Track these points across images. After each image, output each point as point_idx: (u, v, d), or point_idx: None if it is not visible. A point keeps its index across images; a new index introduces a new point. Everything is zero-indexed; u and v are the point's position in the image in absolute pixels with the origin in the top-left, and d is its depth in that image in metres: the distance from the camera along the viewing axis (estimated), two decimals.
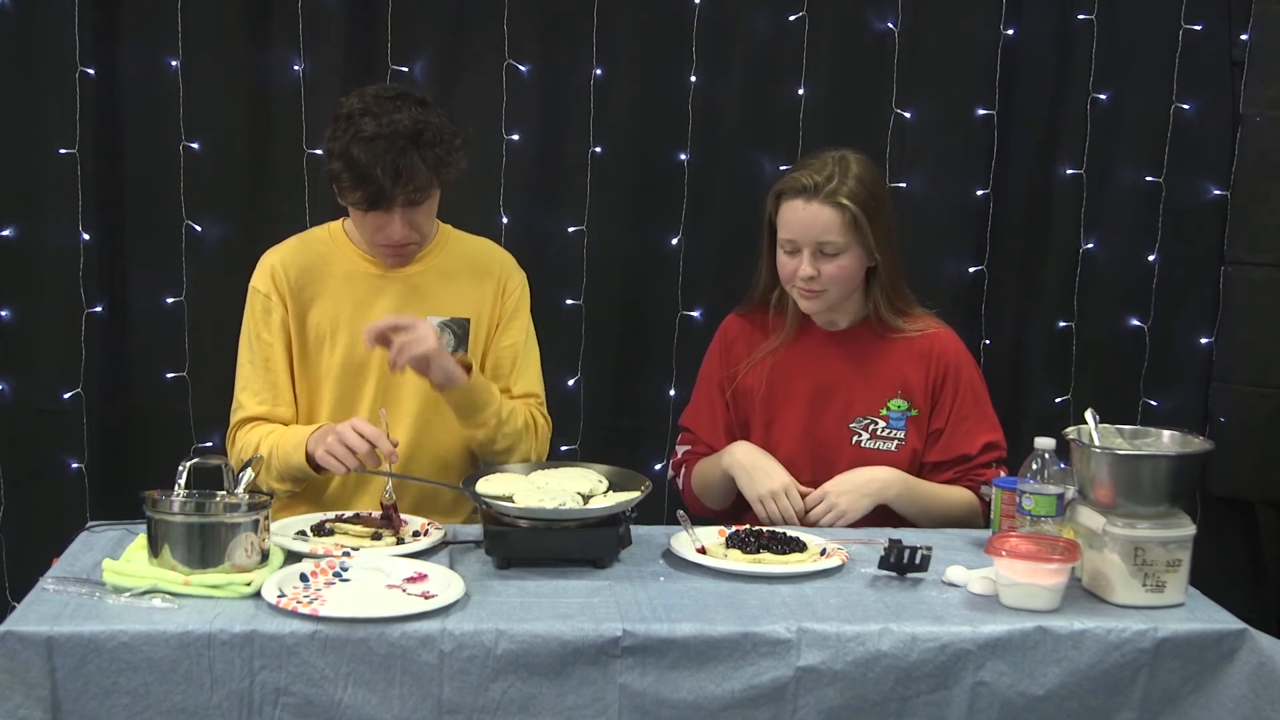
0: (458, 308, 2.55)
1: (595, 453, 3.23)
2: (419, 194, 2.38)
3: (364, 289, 2.53)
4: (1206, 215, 3.32)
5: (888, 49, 3.28)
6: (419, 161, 2.34)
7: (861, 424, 2.54)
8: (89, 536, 2.25)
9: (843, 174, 2.45)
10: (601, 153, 3.28)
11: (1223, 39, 3.26)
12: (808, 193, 2.44)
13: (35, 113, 3.17)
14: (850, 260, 2.47)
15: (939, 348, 2.56)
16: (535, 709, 1.87)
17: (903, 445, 2.53)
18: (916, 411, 2.54)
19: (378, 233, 2.43)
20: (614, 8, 3.23)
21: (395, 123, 2.33)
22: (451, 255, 2.59)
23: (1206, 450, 2.12)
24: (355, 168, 2.34)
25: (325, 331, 2.52)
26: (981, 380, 2.60)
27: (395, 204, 2.37)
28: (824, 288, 2.48)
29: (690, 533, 2.26)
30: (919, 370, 2.54)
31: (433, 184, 2.40)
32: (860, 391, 2.55)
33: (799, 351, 2.58)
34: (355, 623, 1.86)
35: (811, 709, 1.91)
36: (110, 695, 1.82)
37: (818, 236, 2.44)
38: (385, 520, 2.28)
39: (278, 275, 2.52)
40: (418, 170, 2.34)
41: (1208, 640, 1.97)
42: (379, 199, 2.36)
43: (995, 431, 2.58)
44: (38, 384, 3.24)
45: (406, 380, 2.49)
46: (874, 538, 2.35)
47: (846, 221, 2.43)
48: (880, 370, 2.55)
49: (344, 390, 2.52)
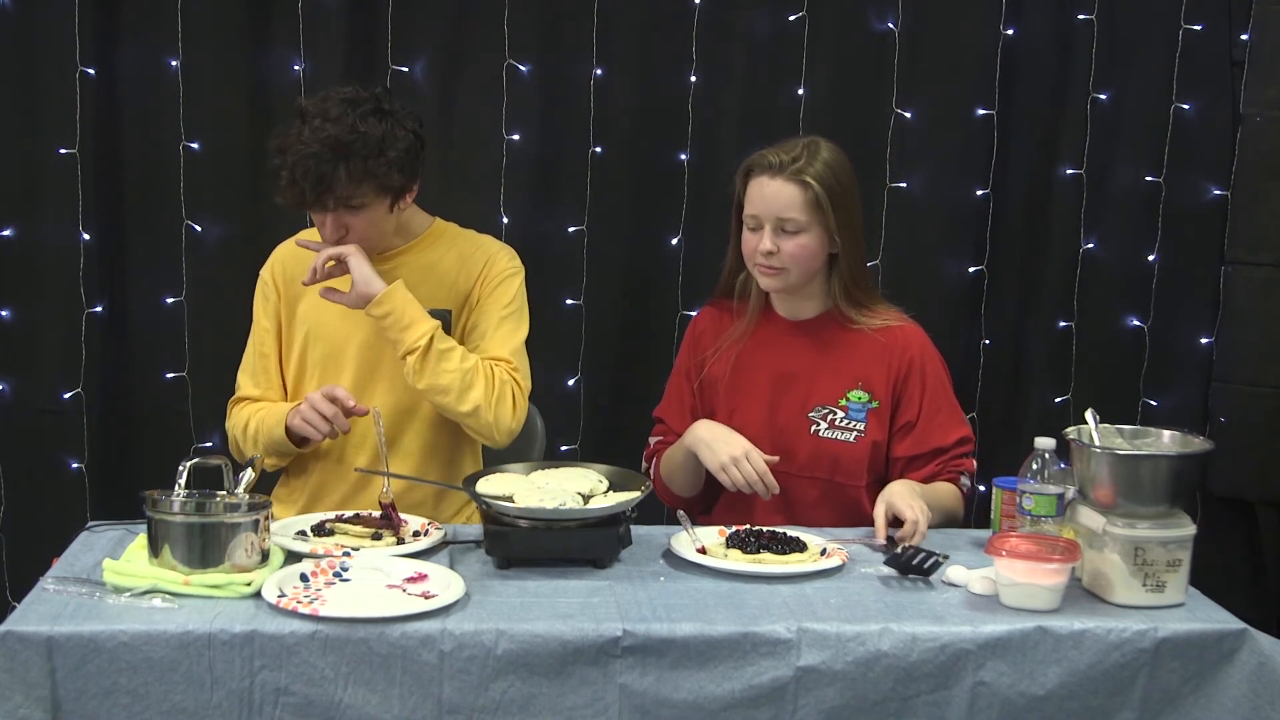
0: (438, 299, 2.55)
1: (595, 453, 3.23)
2: (344, 202, 2.41)
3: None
4: (1206, 215, 3.32)
5: (888, 49, 3.28)
6: (342, 172, 2.36)
7: (820, 413, 2.54)
8: (89, 536, 2.25)
9: (811, 156, 2.47)
10: (601, 153, 3.28)
11: (1223, 39, 3.26)
12: (773, 169, 2.47)
13: (35, 113, 3.17)
14: (810, 240, 2.47)
15: (902, 341, 2.55)
16: (535, 709, 1.87)
17: (861, 437, 2.52)
18: (877, 404, 2.53)
19: (320, 229, 2.50)
20: (614, 8, 3.23)
21: (327, 131, 2.36)
22: (440, 249, 2.59)
23: (1206, 450, 2.12)
24: (283, 171, 2.40)
25: (310, 320, 2.57)
26: (947, 374, 2.60)
27: (326, 208, 2.42)
28: (783, 265, 2.48)
29: (690, 533, 2.26)
30: (881, 363, 2.54)
31: (362, 193, 2.41)
32: (820, 381, 2.55)
33: (762, 340, 2.59)
34: (355, 623, 1.86)
35: (811, 709, 1.91)
36: (110, 695, 1.82)
37: (779, 212, 2.45)
38: (385, 520, 2.28)
39: (276, 266, 2.61)
40: (338, 180, 2.37)
41: (1208, 640, 1.97)
42: (300, 203, 2.43)
43: (964, 425, 2.59)
44: (38, 384, 3.24)
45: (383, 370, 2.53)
46: (874, 538, 2.35)
47: (809, 200, 2.45)
48: (841, 361, 2.55)
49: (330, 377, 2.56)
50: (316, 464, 2.58)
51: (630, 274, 3.34)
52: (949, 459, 2.53)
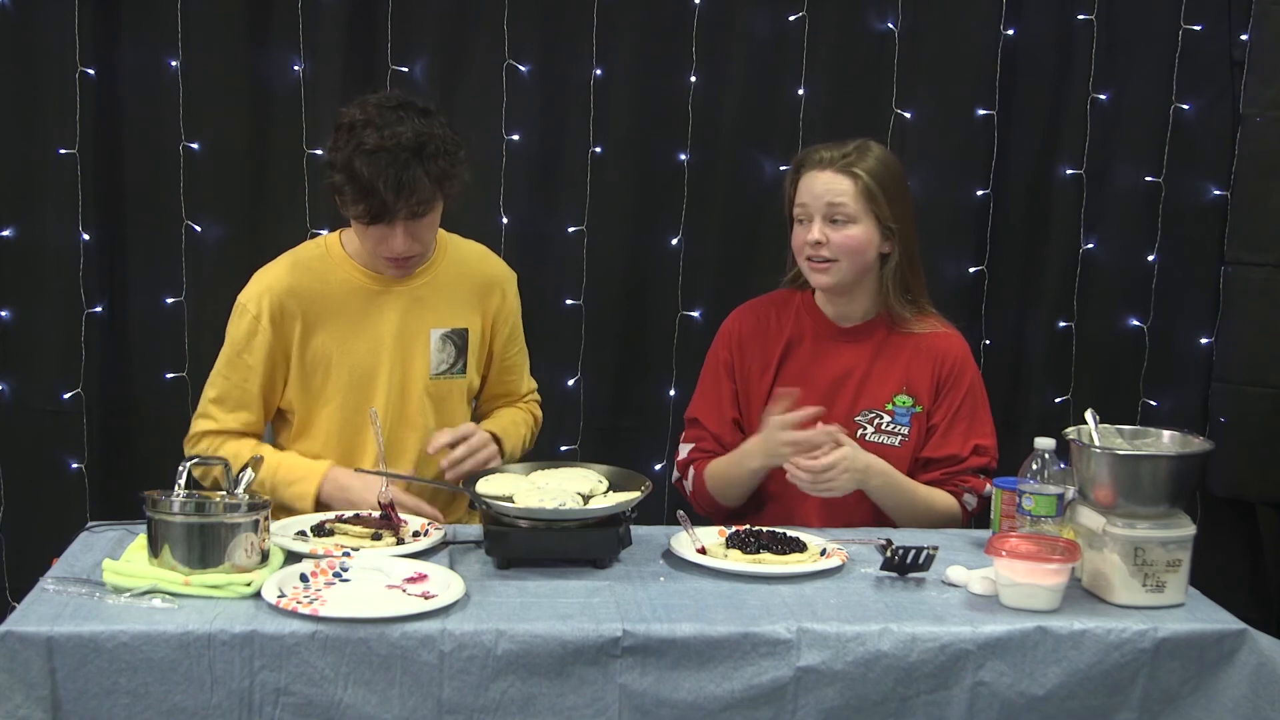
0: (458, 318, 2.58)
1: (595, 453, 3.23)
2: (421, 207, 2.34)
3: (365, 303, 2.51)
4: (1206, 215, 3.32)
5: (888, 49, 3.28)
6: (422, 175, 2.30)
7: (867, 417, 2.55)
8: (89, 537, 2.25)
9: (861, 153, 2.49)
10: (601, 153, 3.28)
11: (1222, 39, 3.26)
12: (824, 163, 2.49)
13: (35, 113, 3.17)
14: (860, 231, 2.47)
15: (945, 347, 2.57)
16: (535, 709, 1.87)
17: (906, 441, 2.54)
18: (921, 408, 2.54)
19: (379, 245, 2.41)
20: (614, 8, 3.23)
21: (398, 135, 2.29)
22: (450, 265, 2.59)
23: (1206, 450, 2.12)
24: (357, 181, 2.30)
25: (331, 350, 2.51)
26: (983, 389, 2.60)
27: (398, 217, 2.34)
28: (833, 256, 2.48)
29: (690, 533, 2.26)
30: (926, 367, 2.55)
31: (436, 197, 2.36)
32: (868, 386, 2.56)
33: (811, 348, 2.59)
34: (355, 623, 1.86)
35: (811, 709, 1.91)
36: (110, 695, 1.82)
37: (829, 199, 2.46)
38: (385, 520, 2.28)
39: (269, 302, 2.47)
40: (420, 184, 2.30)
41: (1207, 640, 1.97)
42: (381, 213, 2.33)
43: (988, 438, 2.57)
44: (38, 384, 3.24)
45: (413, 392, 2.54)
46: (874, 538, 2.35)
47: (859, 190, 2.45)
48: (888, 366, 2.56)
49: (354, 405, 2.52)
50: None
51: (630, 274, 3.34)
52: (958, 470, 2.53)
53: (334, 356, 2.51)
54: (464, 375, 2.60)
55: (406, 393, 2.53)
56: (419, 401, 2.55)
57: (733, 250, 3.29)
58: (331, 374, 2.52)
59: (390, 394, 2.52)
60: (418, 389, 2.53)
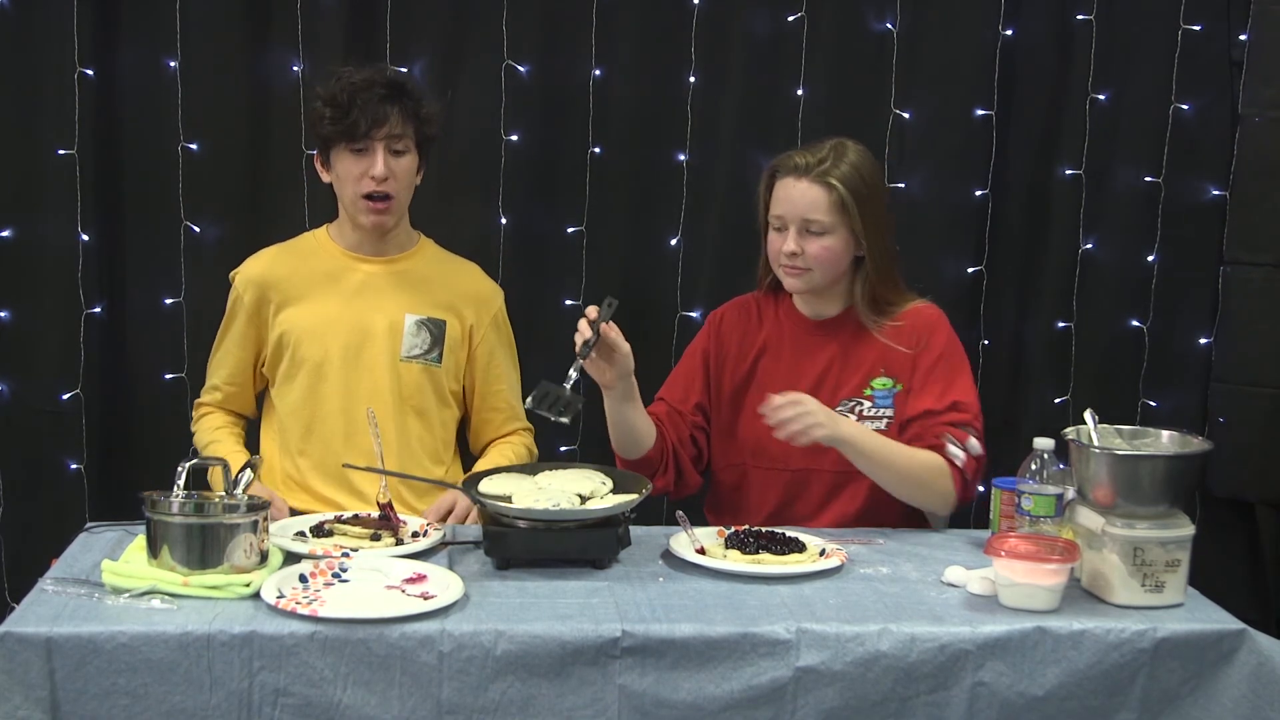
0: (437, 311, 2.66)
1: (595, 453, 3.22)
2: (398, 129, 2.56)
3: (346, 282, 2.65)
4: (1206, 215, 3.32)
5: (887, 49, 3.28)
6: (396, 110, 2.55)
7: (848, 406, 2.54)
8: (88, 537, 2.25)
9: (837, 158, 2.48)
10: (601, 153, 3.28)
11: (1222, 39, 3.25)
12: (799, 171, 2.49)
13: (35, 113, 3.16)
14: (835, 242, 2.48)
15: (914, 318, 2.56)
16: (535, 709, 1.88)
17: (892, 423, 2.53)
18: (901, 386, 2.53)
19: (362, 179, 2.56)
20: (614, 8, 3.23)
21: (379, 72, 2.62)
22: (435, 263, 2.73)
23: (1206, 450, 2.12)
24: (336, 104, 2.54)
25: (305, 327, 2.63)
26: (961, 354, 2.57)
27: (375, 139, 2.52)
28: (807, 266, 2.49)
29: (689, 533, 2.26)
30: (901, 343, 2.54)
31: (408, 133, 2.57)
32: (845, 375, 2.56)
33: (787, 343, 2.60)
34: (354, 623, 1.86)
35: (811, 709, 1.91)
36: (110, 696, 1.82)
37: (804, 213, 2.47)
38: (384, 520, 2.28)
39: (249, 281, 2.69)
40: (394, 115, 2.54)
41: (1207, 640, 1.97)
42: (354, 131, 2.52)
43: (968, 396, 2.51)
44: (37, 384, 3.24)
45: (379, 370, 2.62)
46: (873, 538, 2.35)
47: (834, 202, 2.45)
48: (863, 351, 2.56)
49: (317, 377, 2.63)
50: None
51: (629, 274, 3.34)
52: (935, 422, 2.46)
53: (307, 332, 2.62)
54: (439, 365, 2.65)
55: (374, 371, 2.61)
56: (384, 380, 2.61)
57: (732, 250, 3.28)
58: (303, 347, 2.63)
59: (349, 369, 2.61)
60: (382, 367, 2.61)
